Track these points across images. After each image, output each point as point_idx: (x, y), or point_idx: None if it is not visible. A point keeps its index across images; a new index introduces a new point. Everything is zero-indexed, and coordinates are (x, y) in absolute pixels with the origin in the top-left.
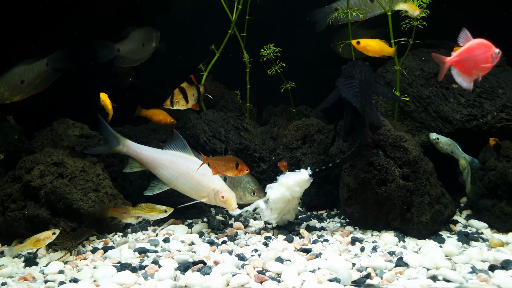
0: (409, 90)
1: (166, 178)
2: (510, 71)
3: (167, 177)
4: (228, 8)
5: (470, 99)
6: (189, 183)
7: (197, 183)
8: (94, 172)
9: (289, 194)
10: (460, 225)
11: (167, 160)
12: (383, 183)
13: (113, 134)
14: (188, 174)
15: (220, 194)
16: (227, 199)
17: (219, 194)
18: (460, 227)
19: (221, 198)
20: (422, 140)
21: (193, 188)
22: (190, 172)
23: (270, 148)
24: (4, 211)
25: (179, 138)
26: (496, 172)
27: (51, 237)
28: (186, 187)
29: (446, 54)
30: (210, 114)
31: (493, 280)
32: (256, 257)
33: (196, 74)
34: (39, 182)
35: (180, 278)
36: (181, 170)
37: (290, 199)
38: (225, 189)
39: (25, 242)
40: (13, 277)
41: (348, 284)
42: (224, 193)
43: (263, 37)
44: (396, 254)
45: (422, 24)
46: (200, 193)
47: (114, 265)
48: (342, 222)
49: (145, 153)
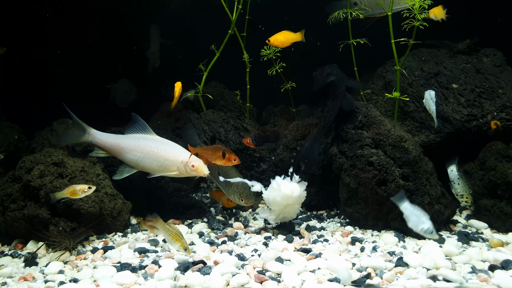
0: (409, 90)
1: (132, 161)
2: (510, 71)
3: (133, 159)
4: (228, 8)
5: (470, 99)
6: (156, 161)
7: (164, 159)
8: (94, 172)
9: (281, 200)
10: (460, 225)
11: (130, 144)
12: (383, 183)
13: (79, 123)
14: (153, 152)
15: (190, 164)
16: (198, 167)
17: (188, 165)
18: (460, 227)
19: (191, 167)
20: (422, 140)
21: (161, 165)
22: (154, 150)
23: (270, 148)
24: (4, 211)
25: (138, 120)
26: (496, 172)
27: (86, 191)
28: (154, 165)
29: (446, 54)
30: (210, 114)
31: (493, 280)
32: (256, 257)
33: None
34: (39, 182)
35: (180, 278)
36: (145, 150)
37: (286, 204)
38: (193, 159)
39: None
40: (13, 277)
41: (348, 284)
42: (193, 162)
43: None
44: (396, 254)
45: (423, 25)
46: (169, 168)
47: (114, 265)
48: (342, 222)
49: (108, 140)
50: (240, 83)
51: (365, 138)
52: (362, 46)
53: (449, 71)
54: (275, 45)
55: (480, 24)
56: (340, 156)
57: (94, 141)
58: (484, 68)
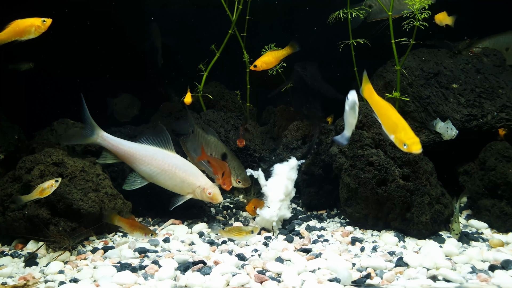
0: (409, 90)
1: (145, 173)
2: (510, 71)
3: (147, 172)
4: (228, 8)
5: (470, 99)
6: (172, 180)
7: (181, 181)
8: (94, 172)
9: (288, 182)
10: (460, 225)
11: (147, 155)
12: (383, 183)
13: (90, 122)
14: (171, 171)
15: (207, 191)
16: (214, 195)
17: (205, 191)
18: (460, 227)
19: (208, 194)
20: (422, 140)
21: (177, 185)
22: (172, 169)
23: (270, 148)
24: (4, 211)
25: (163, 133)
26: (496, 172)
27: (54, 185)
28: (168, 183)
29: (446, 54)
30: (210, 114)
31: (493, 280)
32: (256, 257)
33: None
34: (39, 182)
35: (180, 278)
36: (163, 167)
37: (289, 189)
38: (210, 185)
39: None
40: (13, 277)
41: (348, 284)
42: (210, 189)
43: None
44: (396, 254)
45: (423, 25)
46: (184, 190)
47: (114, 265)
48: (342, 222)
49: (122, 147)
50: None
51: (365, 138)
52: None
53: (449, 71)
54: (264, 68)
55: (480, 24)
56: (340, 156)
57: (103, 144)
58: (484, 68)
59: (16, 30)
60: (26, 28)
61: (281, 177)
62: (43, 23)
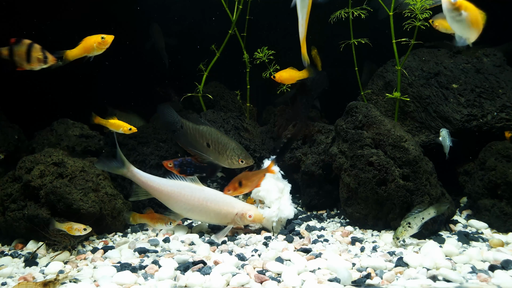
0: (409, 90)
1: (177, 210)
2: (510, 71)
3: (179, 209)
4: (229, 8)
5: (470, 99)
6: (206, 214)
7: (215, 214)
8: (94, 172)
9: (276, 181)
10: (460, 225)
11: (174, 192)
12: (383, 183)
13: (122, 159)
14: (202, 206)
15: (247, 215)
16: (255, 217)
17: (245, 216)
18: (460, 227)
19: (248, 218)
20: (422, 140)
21: (213, 217)
22: (203, 203)
23: (270, 148)
24: (4, 211)
25: None
26: (496, 172)
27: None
28: (203, 218)
29: (446, 54)
30: (210, 114)
31: (493, 280)
32: (256, 257)
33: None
34: (39, 182)
35: (180, 278)
36: (193, 203)
37: (280, 185)
38: (247, 208)
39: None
40: (13, 277)
41: (348, 284)
42: (249, 212)
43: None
44: (396, 254)
45: (424, 25)
46: (223, 221)
47: (114, 265)
48: (342, 222)
49: (149, 183)
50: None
51: (365, 138)
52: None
53: (449, 71)
54: (280, 81)
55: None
56: (340, 156)
57: (133, 179)
58: (484, 68)
59: (86, 47)
60: (92, 45)
61: (268, 178)
62: (102, 39)
